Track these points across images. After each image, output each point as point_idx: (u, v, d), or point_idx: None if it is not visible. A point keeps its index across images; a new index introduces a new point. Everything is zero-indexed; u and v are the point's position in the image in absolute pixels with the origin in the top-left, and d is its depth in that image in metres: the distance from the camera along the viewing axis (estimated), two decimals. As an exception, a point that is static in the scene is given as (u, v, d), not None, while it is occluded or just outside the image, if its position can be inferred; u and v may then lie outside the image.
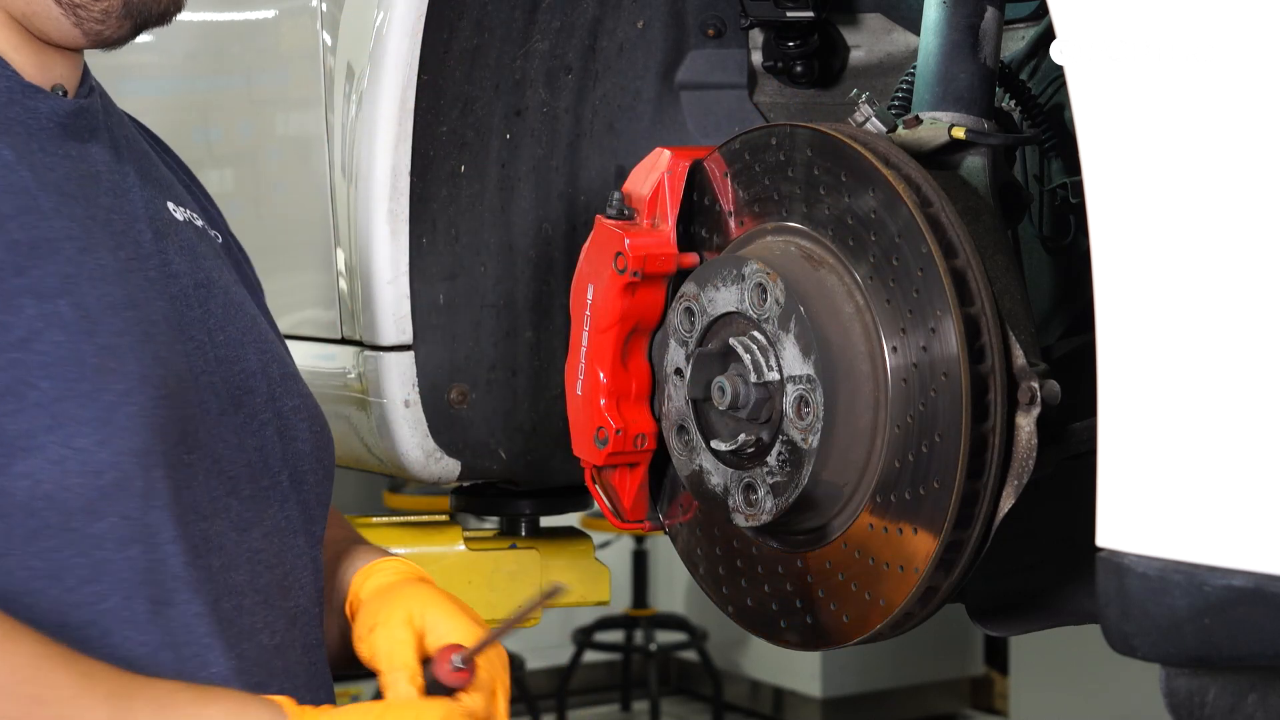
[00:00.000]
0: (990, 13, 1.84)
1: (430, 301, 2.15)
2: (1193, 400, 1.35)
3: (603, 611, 7.36)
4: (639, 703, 7.76)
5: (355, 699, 2.02)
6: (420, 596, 1.73)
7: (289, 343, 1.92)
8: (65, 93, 1.66)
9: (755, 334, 1.81)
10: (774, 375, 1.78)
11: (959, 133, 1.79)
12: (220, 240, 1.84)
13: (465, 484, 2.30)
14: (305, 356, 2.30)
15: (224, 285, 1.75)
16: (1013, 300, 1.72)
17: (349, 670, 1.83)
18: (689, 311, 1.89)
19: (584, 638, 7.40)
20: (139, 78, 2.76)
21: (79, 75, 1.70)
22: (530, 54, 2.16)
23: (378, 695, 1.69)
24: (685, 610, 7.67)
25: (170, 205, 1.75)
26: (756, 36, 2.25)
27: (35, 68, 1.65)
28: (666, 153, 1.94)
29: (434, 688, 1.65)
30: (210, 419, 1.63)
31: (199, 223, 1.80)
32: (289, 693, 1.59)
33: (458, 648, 1.65)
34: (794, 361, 1.76)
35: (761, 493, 1.81)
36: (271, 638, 1.66)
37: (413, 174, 2.10)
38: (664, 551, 7.50)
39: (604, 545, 7.02)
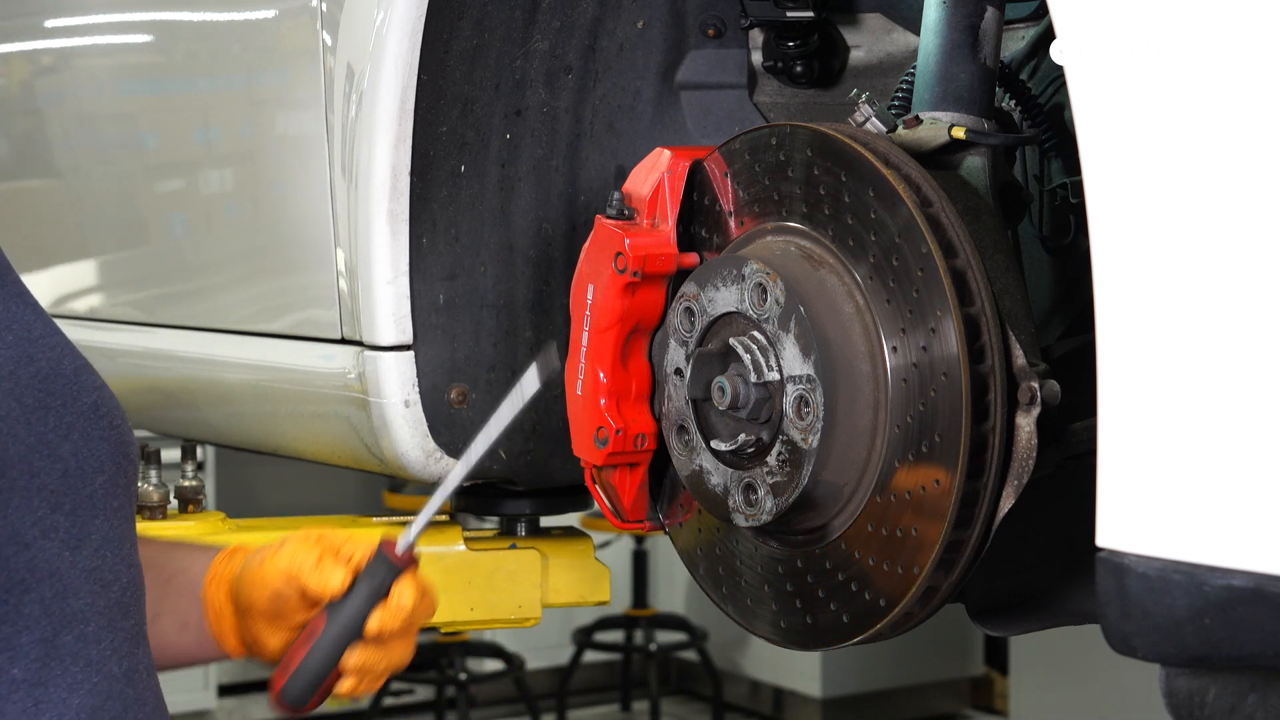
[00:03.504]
0: (990, 13, 1.84)
1: (430, 301, 2.15)
2: (1192, 400, 1.35)
3: (603, 611, 7.36)
4: (639, 703, 7.75)
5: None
6: (321, 524, 1.70)
7: (288, 343, 1.91)
8: None
9: (755, 334, 1.81)
10: (774, 375, 1.78)
11: (959, 133, 1.79)
12: None
13: (465, 484, 2.30)
14: (305, 356, 2.30)
15: (1, 273, 1.57)
16: (1013, 300, 1.72)
17: (187, 665, 1.78)
18: (689, 311, 1.89)
19: (584, 638, 7.40)
20: (139, 78, 2.77)
21: None
22: (530, 54, 2.16)
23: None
24: (685, 610, 7.67)
25: None
26: (756, 36, 2.25)
27: None
28: (666, 153, 1.94)
29: (376, 575, 1.64)
30: (19, 430, 1.47)
31: None
32: None
33: (392, 541, 1.65)
34: (794, 361, 1.76)
35: (761, 493, 1.81)
36: (120, 664, 1.51)
37: (413, 174, 2.10)
38: (664, 551, 7.50)
39: (604, 545, 7.02)
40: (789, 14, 2.13)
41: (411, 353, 2.15)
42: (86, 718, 1.44)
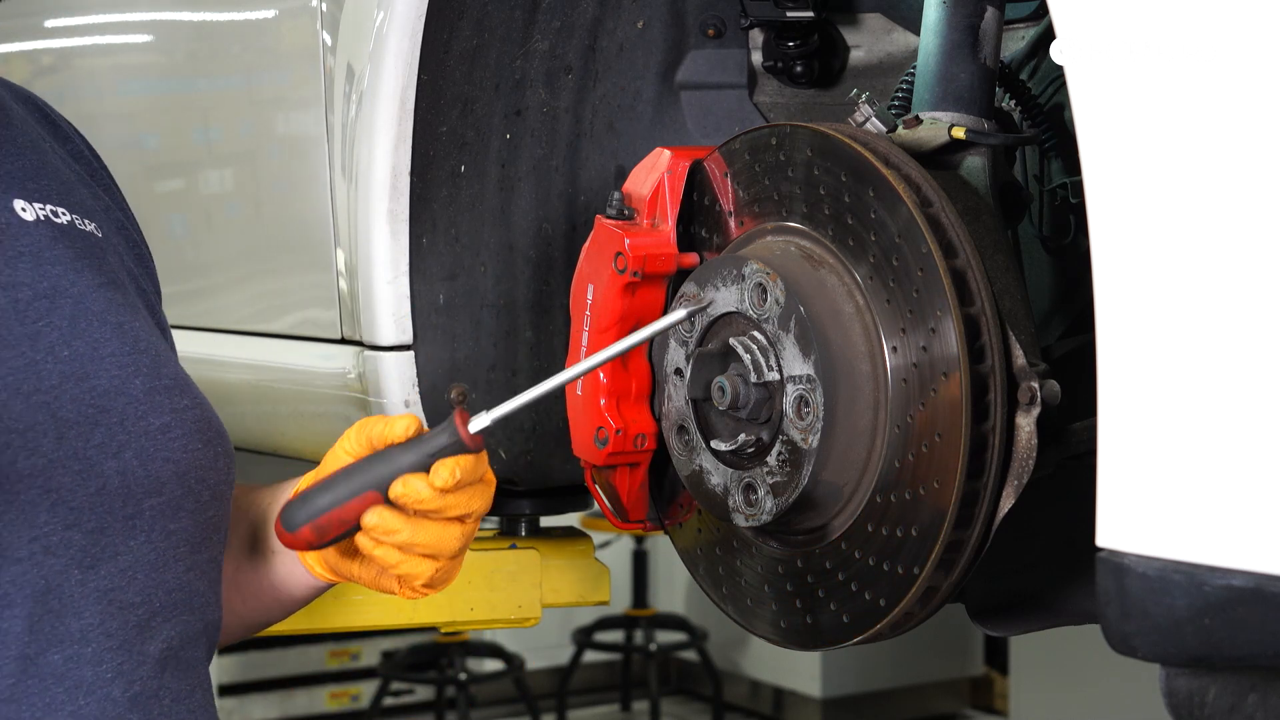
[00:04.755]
0: (990, 13, 1.84)
1: (430, 301, 2.15)
2: (1192, 400, 1.35)
3: (603, 611, 7.36)
4: (639, 703, 7.76)
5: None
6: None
7: (288, 343, 1.91)
8: None
9: (755, 334, 1.81)
10: (774, 375, 1.78)
11: (959, 133, 1.79)
12: (101, 235, 1.63)
13: (465, 484, 2.30)
14: (305, 356, 2.30)
15: (77, 294, 1.55)
16: (1013, 300, 1.72)
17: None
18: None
19: (584, 638, 7.40)
20: (139, 78, 2.77)
21: None
22: (530, 54, 2.16)
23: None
24: (685, 610, 7.67)
25: (18, 204, 1.56)
26: (756, 36, 2.25)
27: None
28: (666, 153, 1.94)
29: (437, 440, 1.53)
30: (44, 443, 1.44)
31: (64, 219, 1.59)
32: None
33: (468, 414, 1.53)
34: (794, 361, 1.76)
35: (761, 493, 1.81)
36: (126, 689, 1.47)
37: (413, 174, 2.10)
38: (664, 551, 7.50)
39: (604, 545, 7.02)
40: (789, 14, 2.13)
41: (411, 353, 2.15)
42: None
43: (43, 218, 1.57)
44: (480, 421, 1.55)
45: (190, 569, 1.56)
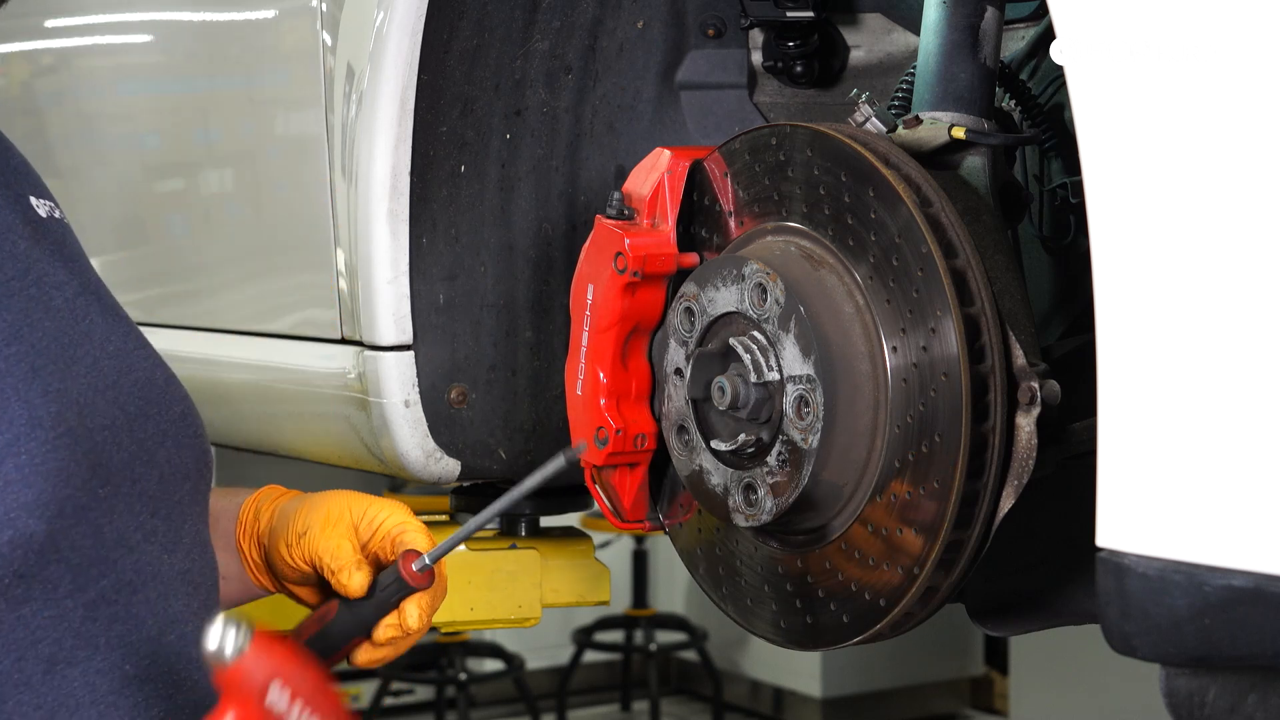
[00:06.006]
0: (990, 13, 1.84)
1: (430, 301, 2.15)
2: (1192, 400, 1.35)
3: (603, 611, 7.36)
4: (639, 703, 7.76)
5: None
6: (347, 495, 1.73)
7: (287, 343, 1.91)
8: None
9: (755, 334, 1.81)
10: (774, 375, 1.78)
11: (959, 133, 1.79)
12: (68, 223, 1.66)
13: (465, 484, 2.30)
14: (305, 357, 2.30)
15: (94, 288, 1.60)
16: (1013, 300, 1.72)
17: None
18: (689, 311, 1.89)
19: (584, 638, 7.40)
20: (139, 78, 2.77)
21: None
22: (530, 54, 2.16)
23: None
24: (685, 610, 7.67)
25: (33, 201, 1.59)
26: (756, 36, 2.25)
27: None
28: (666, 153, 1.94)
29: (390, 587, 1.70)
30: (123, 437, 1.51)
31: (58, 214, 1.62)
32: None
33: (414, 554, 1.69)
34: (794, 361, 1.76)
35: (761, 493, 1.81)
36: (205, 672, 1.50)
37: (413, 174, 2.10)
38: (664, 551, 7.50)
39: (604, 545, 7.02)
40: (789, 14, 2.13)
41: (411, 353, 2.15)
42: (189, 714, 1.48)
43: (50, 214, 1.60)
44: (422, 562, 1.70)
45: (208, 548, 1.64)
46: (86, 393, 1.48)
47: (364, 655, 1.74)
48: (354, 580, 1.69)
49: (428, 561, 1.69)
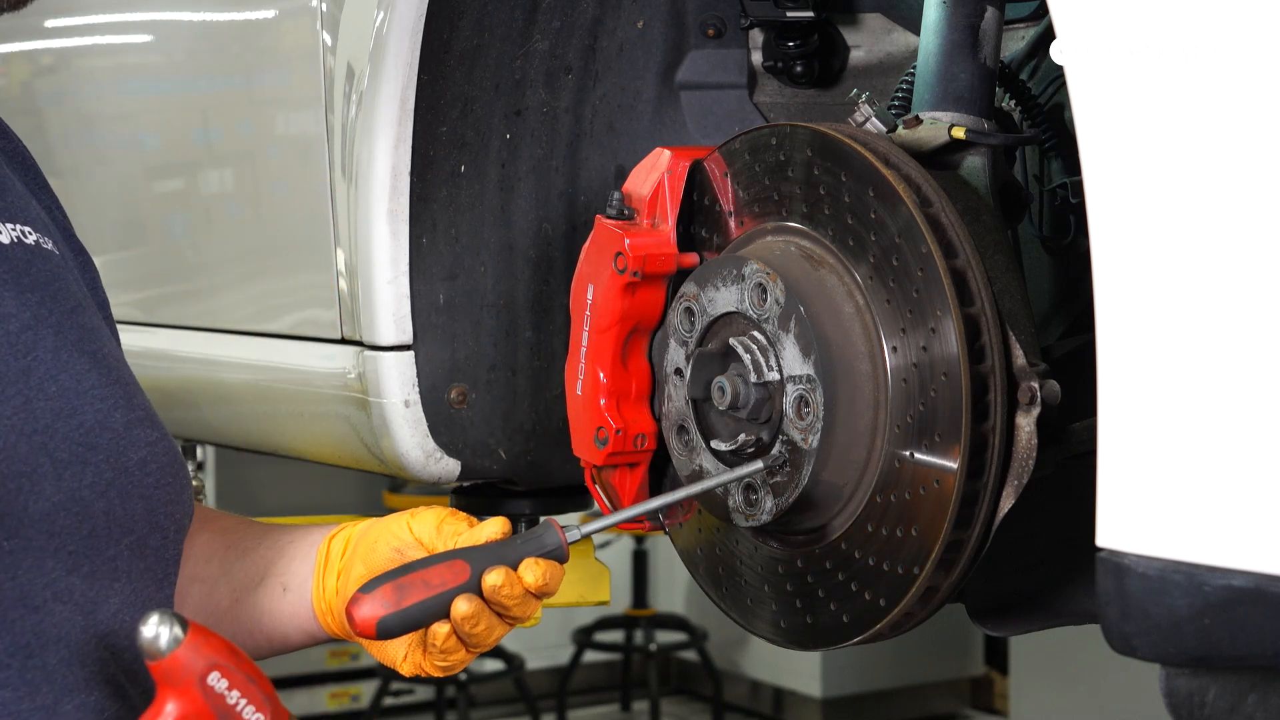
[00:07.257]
0: (990, 13, 1.84)
1: (430, 301, 2.15)
2: (1192, 400, 1.35)
3: (603, 611, 7.36)
4: (639, 703, 7.76)
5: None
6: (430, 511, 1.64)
7: (287, 343, 1.91)
8: None
9: (755, 334, 1.81)
10: (774, 375, 1.78)
11: (959, 133, 1.79)
12: (58, 252, 1.55)
13: (465, 484, 2.30)
14: (305, 356, 2.30)
15: (55, 322, 1.47)
16: (1013, 300, 1.72)
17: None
18: (689, 311, 1.89)
19: (584, 638, 7.40)
20: (139, 78, 2.77)
21: None
22: (530, 54, 2.16)
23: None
24: (685, 610, 7.67)
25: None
26: (756, 36, 2.25)
27: None
28: (666, 153, 1.94)
29: (532, 543, 1.59)
30: (45, 486, 1.39)
31: (32, 239, 1.51)
32: None
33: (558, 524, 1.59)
34: (794, 361, 1.76)
35: (761, 493, 1.81)
36: None
37: (413, 174, 2.10)
38: (664, 551, 7.50)
39: (604, 545, 7.03)
40: (789, 14, 2.13)
41: (411, 353, 2.15)
42: None
43: (15, 239, 1.50)
44: (573, 534, 1.61)
45: (159, 606, 1.49)
46: (7, 435, 1.37)
47: (470, 609, 1.57)
48: (488, 525, 1.57)
49: (578, 535, 1.60)
